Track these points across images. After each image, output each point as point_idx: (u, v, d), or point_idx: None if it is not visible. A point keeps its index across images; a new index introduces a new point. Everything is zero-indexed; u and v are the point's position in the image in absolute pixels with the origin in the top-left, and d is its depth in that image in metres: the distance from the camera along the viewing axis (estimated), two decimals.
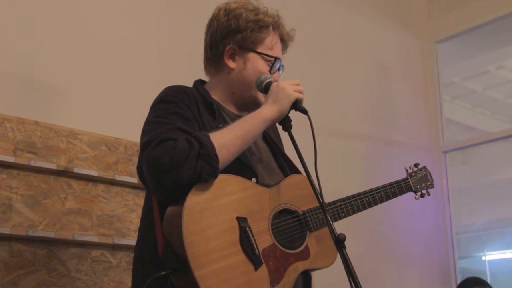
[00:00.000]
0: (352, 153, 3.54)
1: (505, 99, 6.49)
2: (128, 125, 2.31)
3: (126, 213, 2.33)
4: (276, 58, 1.71)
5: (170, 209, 1.42)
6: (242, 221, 1.46)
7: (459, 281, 3.79)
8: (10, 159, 2.07)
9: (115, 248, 2.28)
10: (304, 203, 1.62)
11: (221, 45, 1.70)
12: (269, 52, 1.70)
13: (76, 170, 2.21)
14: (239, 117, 1.72)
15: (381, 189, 1.87)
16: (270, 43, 1.71)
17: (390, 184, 1.92)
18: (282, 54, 1.80)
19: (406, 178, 2.02)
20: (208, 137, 1.45)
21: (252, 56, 1.69)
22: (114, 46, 2.58)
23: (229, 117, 1.70)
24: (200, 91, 1.68)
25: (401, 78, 4.15)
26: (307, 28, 3.55)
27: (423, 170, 2.07)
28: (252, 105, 1.72)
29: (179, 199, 1.40)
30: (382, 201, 1.87)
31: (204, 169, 1.40)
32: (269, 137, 1.79)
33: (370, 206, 1.82)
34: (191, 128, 1.51)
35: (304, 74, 3.44)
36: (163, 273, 1.36)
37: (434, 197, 4.09)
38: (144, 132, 1.53)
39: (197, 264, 1.33)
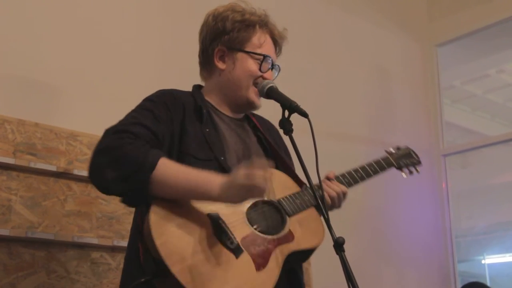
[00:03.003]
0: (352, 156, 3.53)
1: (505, 103, 6.50)
2: None
3: (125, 215, 2.33)
4: (265, 56, 1.70)
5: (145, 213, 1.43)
6: (213, 216, 1.45)
7: (458, 284, 3.79)
8: (10, 160, 2.07)
9: (114, 250, 2.28)
10: (277, 194, 1.62)
11: (210, 48, 1.73)
12: (258, 51, 1.71)
13: (76, 172, 2.21)
14: (233, 120, 1.73)
15: (359, 169, 1.86)
16: (258, 42, 1.72)
17: (369, 163, 1.90)
18: (277, 55, 1.80)
19: (386, 156, 2.01)
20: (152, 168, 1.39)
21: (241, 56, 1.70)
22: (114, 48, 2.58)
23: (222, 121, 1.70)
24: (194, 95, 1.70)
25: (401, 81, 4.15)
26: (308, 31, 3.55)
27: (406, 149, 2.06)
28: (245, 105, 1.73)
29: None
30: (363, 179, 1.86)
31: (128, 195, 1.42)
32: (265, 140, 1.79)
33: (350, 185, 1.81)
34: (155, 127, 1.52)
35: (304, 77, 3.44)
36: (142, 279, 1.37)
37: (433, 201, 4.10)
38: None
39: (173, 262, 1.33)
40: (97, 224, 2.24)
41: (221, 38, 1.72)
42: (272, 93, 1.66)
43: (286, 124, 1.60)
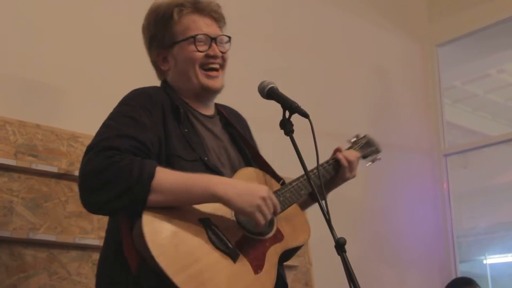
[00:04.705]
0: None
1: (506, 103, 6.50)
2: None
3: None
4: (193, 36, 1.66)
5: (135, 227, 1.37)
6: (205, 221, 1.44)
7: None
8: (11, 162, 2.07)
9: None
10: None
11: (153, 57, 1.75)
12: (187, 35, 1.67)
13: (77, 173, 2.17)
14: (206, 117, 1.71)
15: (325, 164, 1.84)
16: (183, 27, 1.69)
17: (332, 157, 1.89)
18: (219, 25, 1.75)
19: (350, 147, 2.00)
20: (151, 176, 1.37)
21: (176, 49, 1.69)
22: (115, 49, 2.59)
23: (197, 120, 1.68)
24: (168, 92, 1.67)
25: (402, 82, 4.15)
26: (308, 32, 3.55)
27: (365, 137, 2.07)
28: (203, 92, 1.69)
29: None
30: (330, 174, 1.84)
31: (126, 209, 1.38)
32: (238, 135, 1.77)
33: (325, 177, 1.81)
34: (141, 136, 1.46)
35: (304, 77, 3.45)
36: None
37: (435, 201, 4.10)
38: (94, 136, 1.48)
39: (173, 272, 1.30)
40: (99, 225, 2.24)
41: (154, 43, 1.73)
42: (272, 94, 1.66)
43: (287, 125, 1.60)
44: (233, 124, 1.79)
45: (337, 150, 1.89)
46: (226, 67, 1.75)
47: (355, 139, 2.05)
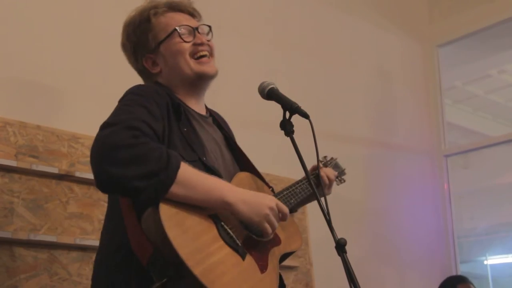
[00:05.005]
0: (354, 157, 3.53)
1: (506, 103, 6.49)
2: None
3: None
4: (175, 29, 1.68)
5: (146, 217, 1.36)
6: (214, 218, 1.44)
7: None
8: (12, 163, 2.07)
9: None
10: None
11: (140, 66, 1.74)
12: (169, 30, 1.69)
13: (77, 174, 2.21)
14: (202, 117, 1.72)
15: (300, 183, 1.83)
16: (162, 26, 1.71)
17: (303, 178, 1.86)
18: (197, 19, 1.77)
19: (324, 166, 2.06)
20: (178, 167, 1.36)
21: (162, 48, 1.70)
22: (116, 50, 2.58)
23: (194, 119, 1.68)
24: (167, 91, 1.66)
25: (402, 82, 4.16)
26: (309, 33, 3.55)
27: (332, 159, 2.12)
28: (197, 81, 1.70)
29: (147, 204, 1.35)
30: (310, 188, 1.80)
31: (146, 192, 1.32)
32: (229, 137, 1.78)
33: (305, 192, 1.82)
34: (155, 126, 1.45)
35: (305, 78, 3.45)
36: (157, 284, 1.31)
37: (435, 201, 4.10)
38: (109, 116, 1.45)
39: (194, 263, 1.29)
40: (99, 226, 2.24)
41: (139, 51, 1.73)
42: (273, 95, 1.66)
43: (287, 125, 1.60)
44: (223, 126, 1.80)
45: (315, 167, 1.91)
46: (215, 55, 1.75)
47: (323, 160, 2.09)
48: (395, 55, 4.16)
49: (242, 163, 1.76)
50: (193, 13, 1.77)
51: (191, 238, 1.34)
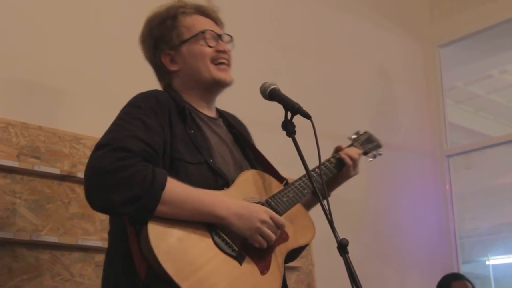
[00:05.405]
0: None
1: (508, 103, 6.49)
2: None
3: None
4: (201, 32, 1.70)
5: (140, 236, 1.38)
6: (210, 226, 1.45)
7: None
8: (14, 164, 2.07)
9: None
10: (263, 194, 1.63)
11: (158, 61, 1.74)
12: (193, 32, 1.71)
13: (79, 174, 2.21)
14: (211, 119, 1.72)
15: (327, 163, 1.86)
16: (190, 25, 1.72)
17: (334, 156, 1.90)
18: (220, 26, 1.79)
19: (351, 145, 2.02)
20: (162, 188, 1.37)
21: (185, 48, 1.71)
22: (118, 51, 2.59)
23: (202, 121, 1.69)
24: (172, 95, 1.67)
25: (404, 83, 4.15)
26: (310, 33, 3.55)
27: (366, 133, 2.09)
28: (214, 85, 1.72)
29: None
30: (332, 173, 1.86)
31: (134, 215, 1.37)
32: (241, 137, 1.78)
33: (327, 176, 1.84)
34: (151, 140, 1.46)
35: (306, 78, 3.45)
36: None
37: (437, 202, 4.09)
38: (104, 134, 1.48)
39: (181, 277, 1.31)
40: (101, 227, 2.24)
41: (159, 46, 1.73)
42: (274, 95, 1.66)
43: (288, 126, 1.60)
44: (235, 127, 1.80)
45: (338, 148, 1.92)
46: (231, 65, 1.77)
47: (355, 136, 2.07)
48: (396, 55, 4.15)
49: (256, 160, 1.76)
50: (217, 21, 1.80)
51: (181, 253, 1.36)
